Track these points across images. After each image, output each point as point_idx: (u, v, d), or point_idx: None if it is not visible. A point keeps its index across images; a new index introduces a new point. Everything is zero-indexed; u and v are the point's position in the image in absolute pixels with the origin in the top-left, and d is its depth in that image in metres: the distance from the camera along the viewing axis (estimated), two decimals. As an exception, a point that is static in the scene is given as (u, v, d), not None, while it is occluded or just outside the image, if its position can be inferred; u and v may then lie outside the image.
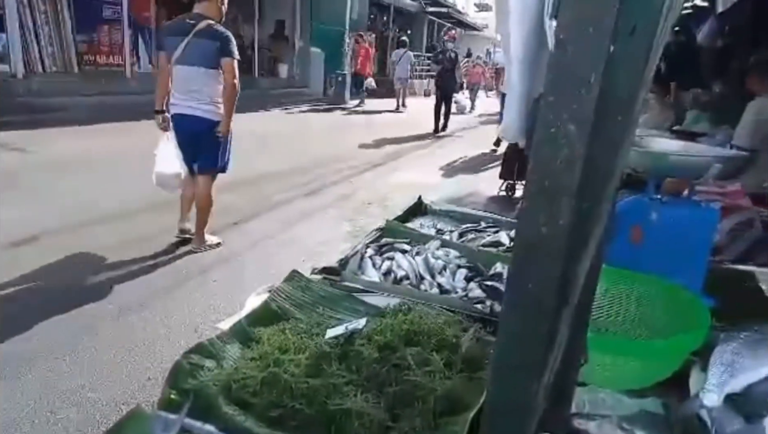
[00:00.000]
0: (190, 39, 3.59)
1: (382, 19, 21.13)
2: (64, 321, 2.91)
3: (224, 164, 3.97)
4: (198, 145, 3.81)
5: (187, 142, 3.79)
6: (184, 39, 3.60)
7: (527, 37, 1.02)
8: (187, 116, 3.71)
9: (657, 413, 1.21)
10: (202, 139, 3.78)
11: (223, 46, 3.61)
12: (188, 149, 3.82)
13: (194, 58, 3.61)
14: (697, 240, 1.53)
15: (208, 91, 3.70)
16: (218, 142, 3.82)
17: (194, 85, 3.66)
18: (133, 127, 8.73)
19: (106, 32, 11.47)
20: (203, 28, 3.60)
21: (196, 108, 3.70)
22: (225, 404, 1.15)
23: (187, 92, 3.69)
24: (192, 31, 3.59)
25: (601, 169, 1.00)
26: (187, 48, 3.60)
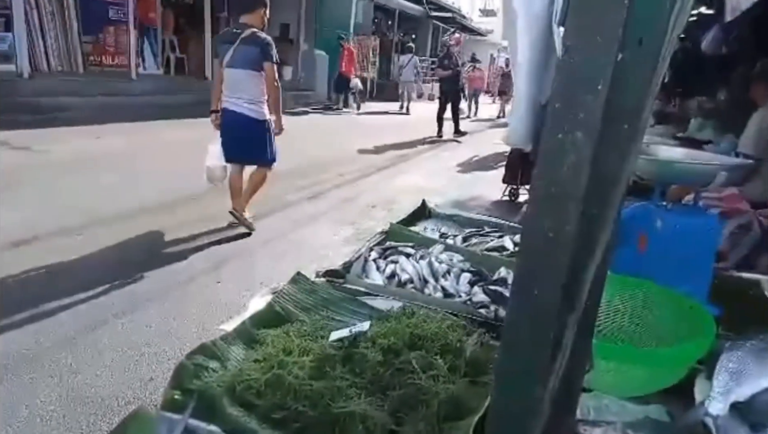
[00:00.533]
0: (237, 45, 4.10)
1: (386, 23, 21.17)
2: (66, 320, 2.92)
3: (273, 157, 4.43)
4: (246, 140, 4.27)
5: (236, 135, 4.25)
6: (232, 46, 4.12)
7: (534, 44, 1.03)
8: (235, 112, 4.19)
9: (661, 420, 1.21)
10: (249, 135, 4.24)
11: (264, 51, 4.11)
12: (235, 142, 4.26)
13: (240, 62, 4.10)
14: (702, 248, 1.53)
15: (253, 91, 4.17)
16: (264, 138, 4.30)
17: (241, 85, 4.14)
18: (137, 128, 8.78)
19: (112, 33, 11.53)
20: (248, 36, 4.10)
21: (242, 106, 4.17)
22: (229, 405, 1.15)
23: (235, 92, 4.17)
24: (238, 39, 4.10)
25: (608, 176, 1.00)
26: (234, 53, 4.11)
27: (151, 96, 11.03)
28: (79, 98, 9.59)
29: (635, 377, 1.24)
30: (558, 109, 0.98)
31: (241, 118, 4.18)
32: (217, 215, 4.85)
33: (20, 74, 9.23)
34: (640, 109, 0.97)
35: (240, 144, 4.27)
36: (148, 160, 6.83)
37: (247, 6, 4.29)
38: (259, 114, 4.22)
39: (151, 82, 11.65)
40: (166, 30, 13.22)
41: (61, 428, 2.14)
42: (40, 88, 9.28)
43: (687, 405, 1.24)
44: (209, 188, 5.61)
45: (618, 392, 1.28)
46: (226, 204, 4.97)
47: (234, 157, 4.35)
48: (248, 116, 4.19)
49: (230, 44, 4.14)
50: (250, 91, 4.16)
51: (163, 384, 2.42)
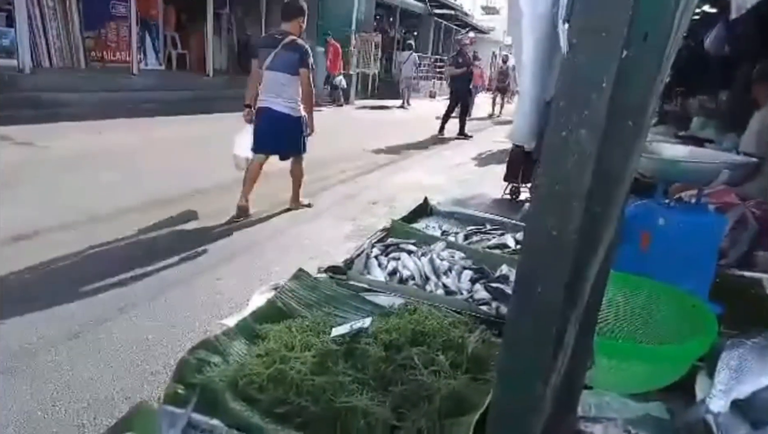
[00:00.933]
0: (278, 50, 4.57)
1: (388, 20, 21.14)
2: (68, 315, 2.92)
3: (304, 149, 4.93)
4: (281, 134, 4.76)
5: (271, 130, 4.72)
6: (273, 50, 4.58)
7: (539, 41, 1.03)
8: (273, 110, 4.66)
9: (662, 417, 1.21)
10: (285, 131, 4.74)
11: (302, 58, 4.61)
12: (270, 137, 4.74)
13: (280, 66, 4.59)
14: (704, 246, 1.53)
15: (290, 92, 4.66)
16: (299, 133, 4.80)
17: (280, 87, 4.62)
18: (139, 124, 8.78)
19: (114, 29, 11.53)
20: (288, 43, 4.59)
21: (279, 104, 4.65)
22: (231, 399, 1.15)
23: (273, 92, 4.65)
24: (280, 45, 4.57)
25: (612, 174, 1.00)
26: (275, 58, 4.58)
27: (152, 91, 11.03)
28: (81, 94, 9.59)
29: (636, 374, 1.24)
30: (562, 107, 0.98)
31: (280, 115, 4.65)
32: (219, 211, 4.86)
33: (22, 69, 9.23)
34: (644, 106, 0.97)
35: (276, 138, 4.77)
36: (149, 156, 6.83)
37: (287, 15, 4.76)
38: (295, 111, 4.70)
39: (152, 78, 11.65)
40: (168, 26, 13.21)
41: (62, 423, 2.14)
42: (42, 84, 9.27)
43: (688, 403, 1.24)
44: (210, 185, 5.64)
45: (619, 389, 1.28)
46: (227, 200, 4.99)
47: (266, 149, 4.80)
48: (286, 114, 4.67)
49: (272, 48, 4.60)
50: (288, 92, 4.64)
51: (165, 380, 2.44)
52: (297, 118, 4.74)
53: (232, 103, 11.92)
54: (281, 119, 4.68)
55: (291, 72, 4.59)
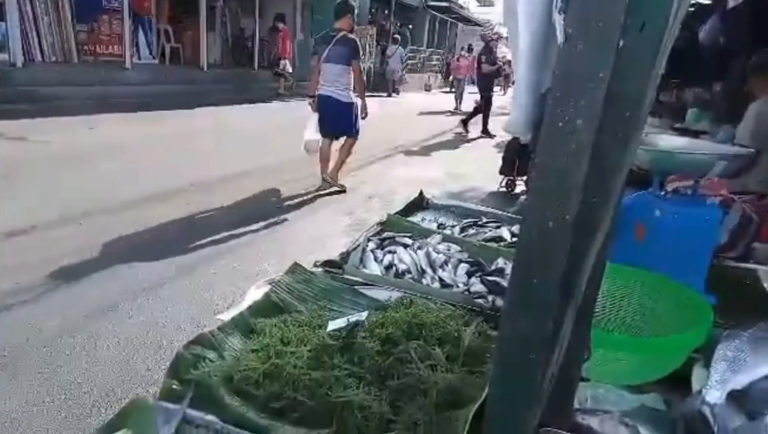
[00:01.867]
0: (332, 45, 5.40)
1: (383, 13, 21.04)
2: (62, 311, 2.90)
3: (357, 130, 5.68)
4: (337, 118, 5.54)
5: (330, 115, 5.55)
6: (329, 45, 5.41)
7: (535, 31, 1.02)
8: (330, 97, 5.47)
9: (658, 409, 1.21)
10: (340, 114, 5.52)
11: (353, 51, 5.42)
12: (330, 121, 5.56)
13: (335, 58, 5.40)
14: (700, 238, 1.53)
15: (343, 81, 5.45)
16: (351, 116, 5.56)
17: (335, 76, 5.42)
18: (132, 119, 8.72)
19: (106, 22, 11.42)
20: (340, 38, 5.41)
21: (335, 92, 5.44)
22: (227, 395, 1.15)
23: (329, 81, 5.46)
24: (334, 40, 5.40)
25: (609, 165, 0.99)
26: (330, 51, 5.40)
27: (145, 86, 10.95)
28: (74, 88, 9.51)
29: (632, 366, 1.24)
30: (559, 98, 0.97)
31: (334, 101, 5.44)
32: (216, 206, 4.84)
33: (13, 63, 9.14)
34: (641, 97, 0.97)
35: (334, 121, 5.54)
36: (142, 151, 6.79)
37: (338, 13, 5.54)
38: (347, 98, 5.47)
39: (145, 72, 11.56)
40: (161, 19, 13.10)
41: (56, 419, 2.13)
42: (34, 78, 9.20)
43: (684, 394, 1.24)
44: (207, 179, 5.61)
45: (615, 381, 1.28)
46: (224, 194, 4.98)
47: (329, 132, 5.62)
48: (340, 100, 5.44)
49: (327, 44, 5.41)
50: (342, 81, 5.43)
51: (159, 376, 2.43)
52: (349, 104, 5.48)
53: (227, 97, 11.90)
54: (336, 104, 5.45)
55: (344, 63, 5.39)
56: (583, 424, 1.13)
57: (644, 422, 1.10)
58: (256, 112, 11.18)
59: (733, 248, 2.16)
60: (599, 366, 1.22)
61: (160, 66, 12.89)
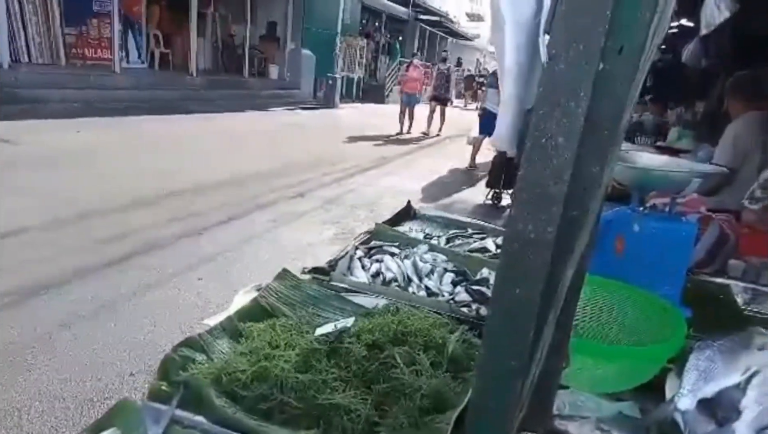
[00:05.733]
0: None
1: (374, 25, 21.22)
2: (45, 315, 2.90)
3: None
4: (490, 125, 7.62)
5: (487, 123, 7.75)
6: None
7: (521, 49, 1.07)
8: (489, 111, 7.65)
9: (634, 416, 1.26)
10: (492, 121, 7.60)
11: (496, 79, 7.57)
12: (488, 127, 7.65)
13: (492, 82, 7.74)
14: (676, 252, 1.59)
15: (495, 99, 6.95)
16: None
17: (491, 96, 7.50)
18: (119, 123, 8.68)
19: (96, 26, 11.40)
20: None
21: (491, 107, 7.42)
22: (216, 396, 1.17)
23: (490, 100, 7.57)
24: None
25: (588, 180, 1.04)
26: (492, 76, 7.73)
27: (134, 90, 10.92)
28: (61, 90, 9.46)
29: (610, 374, 1.29)
30: (542, 115, 1.02)
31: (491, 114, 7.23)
32: (201, 212, 4.84)
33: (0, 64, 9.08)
34: (619, 115, 1.02)
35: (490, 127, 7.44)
36: (129, 155, 6.77)
37: None
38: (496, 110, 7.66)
39: (134, 76, 11.53)
40: (151, 24, 13.10)
41: (39, 421, 2.13)
42: (20, 80, 9.13)
43: (658, 403, 1.29)
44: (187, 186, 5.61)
45: (593, 389, 1.32)
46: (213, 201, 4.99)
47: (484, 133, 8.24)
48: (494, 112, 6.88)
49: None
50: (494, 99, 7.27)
51: (143, 380, 2.43)
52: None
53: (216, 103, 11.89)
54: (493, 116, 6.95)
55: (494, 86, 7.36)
56: (560, 429, 1.17)
57: (619, 428, 1.14)
58: (245, 119, 11.18)
59: (710, 264, 2.23)
60: (578, 374, 1.26)
61: (149, 70, 12.88)
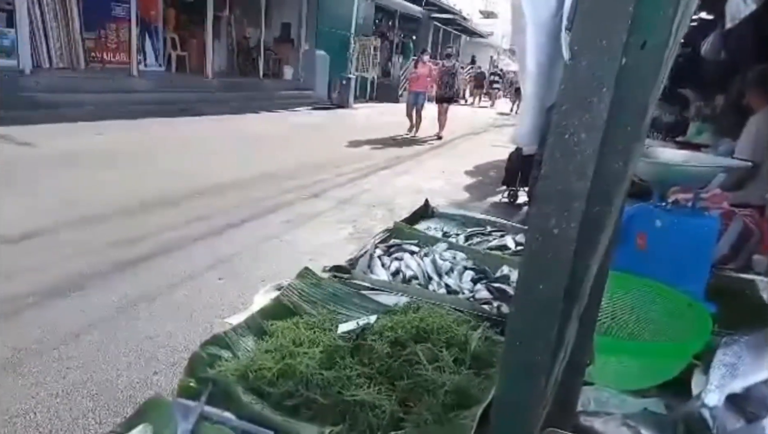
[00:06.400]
0: None
1: (387, 24, 21.21)
2: (70, 315, 2.95)
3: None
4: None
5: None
6: None
7: (542, 48, 1.07)
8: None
9: (659, 412, 1.25)
10: None
11: None
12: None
13: None
14: (699, 247, 1.58)
15: None
16: None
17: None
18: (138, 125, 8.81)
19: (114, 30, 11.57)
20: None
21: None
22: (243, 392, 1.19)
23: None
24: None
25: (611, 175, 1.04)
26: None
27: (151, 93, 11.05)
28: (80, 94, 9.61)
29: (635, 371, 1.28)
30: (564, 111, 1.02)
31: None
32: (219, 213, 4.90)
33: (22, 70, 9.25)
34: (642, 111, 1.02)
35: None
36: (149, 157, 6.86)
37: None
38: None
39: (152, 79, 11.68)
40: (168, 27, 13.25)
41: (65, 419, 2.17)
42: (42, 84, 9.30)
43: (684, 399, 1.28)
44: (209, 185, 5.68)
45: (618, 385, 1.32)
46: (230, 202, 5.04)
47: None
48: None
49: None
50: None
51: (167, 379, 2.47)
52: None
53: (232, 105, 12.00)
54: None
55: None
56: (586, 425, 1.17)
57: (646, 424, 1.14)
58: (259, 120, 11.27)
59: (734, 259, 2.20)
60: (602, 370, 1.26)
61: (166, 73, 13.03)
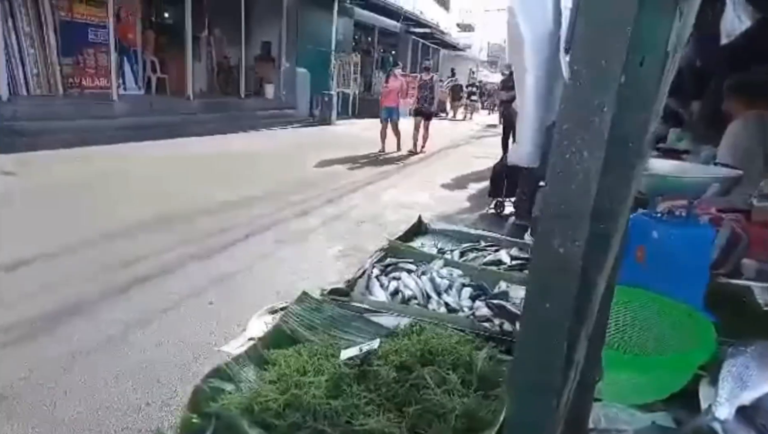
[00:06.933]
0: None
1: (366, 39, 21.38)
2: (52, 348, 2.87)
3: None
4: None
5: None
6: None
7: (541, 67, 1.08)
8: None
9: (668, 426, 1.24)
10: None
11: None
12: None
13: None
14: (696, 257, 1.59)
15: None
16: None
17: None
18: (119, 151, 8.71)
19: (92, 55, 11.46)
20: None
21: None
22: (249, 426, 1.16)
23: None
24: None
25: (615, 194, 1.04)
26: None
27: (132, 117, 10.96)
28: (61, 121, 9.49)
29: (642, 385, 1.28)
30: (566, 130, 1.03)
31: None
32: (206, 235, 4.84)
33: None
34: (644, 128, 1.02)
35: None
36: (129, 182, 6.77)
37: None
38: None
39: (132, 103, 11.59)
40: (147, 50, 13.19)
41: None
42: (20, 112, 9.17)
43: (691, 411, 1.28)
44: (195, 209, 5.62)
45: (625, 400, 1.31)
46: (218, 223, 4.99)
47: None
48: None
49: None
50: None
51: (157, 410, 2.41)
52: None
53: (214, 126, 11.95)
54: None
55: None
56: (599, 443, 1.16)
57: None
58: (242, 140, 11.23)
59: (723, 265, 2.22)
60: (609, 386, 1.25)
61: (147, 96, 12.94)
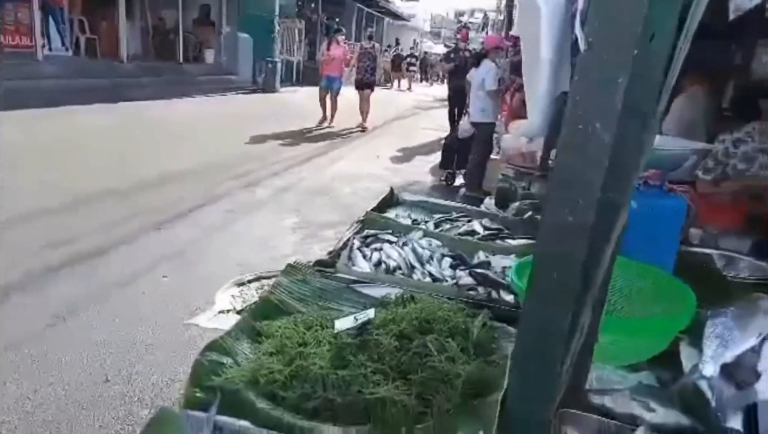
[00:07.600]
0: None
1: (310, 6, 20.80)
2: (10, 323, 2.70)
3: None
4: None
5: None
6: None
7: (554, 40, 1.08)
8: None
9: (654, 385, 1.33)
10: None
11: None
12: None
13: None
14: (669, 227, 1.68)
15: None
16: None
17: None
18: (46, 114, 8.12)
19: (11, 10, 10.54)
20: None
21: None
22: (256, 399, 1.14)
23: None
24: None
25: (625, 164, 1.08)
26: None
27: (60, 79, 10.24)
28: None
29: (630, 347, 1.35)
30: (578, 102, 1.05)
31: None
32: (152, 208, 4.64)
33: None
34: (655, 101, 1.06)
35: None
36: (60, 151, 6.35)
37: None
38: None
39: (60, 64, 10.81)
40: (74, 9, 12.27)
41: None
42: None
43: (672, 371, 1.37)
44: (137, 181, 5.36)
45: (613, 362, 1.39)
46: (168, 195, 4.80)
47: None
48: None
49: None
50: None
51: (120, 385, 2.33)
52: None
53: (151, 91, 11.35)
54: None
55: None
56: (597, 403, 1.22)
57: (652, 398, 1.21)
58: (181, 106, 10.75)
59: (679, 234, 2.37)
60: (601, 348, 1.31)
61: (76, 58, 12.09)
